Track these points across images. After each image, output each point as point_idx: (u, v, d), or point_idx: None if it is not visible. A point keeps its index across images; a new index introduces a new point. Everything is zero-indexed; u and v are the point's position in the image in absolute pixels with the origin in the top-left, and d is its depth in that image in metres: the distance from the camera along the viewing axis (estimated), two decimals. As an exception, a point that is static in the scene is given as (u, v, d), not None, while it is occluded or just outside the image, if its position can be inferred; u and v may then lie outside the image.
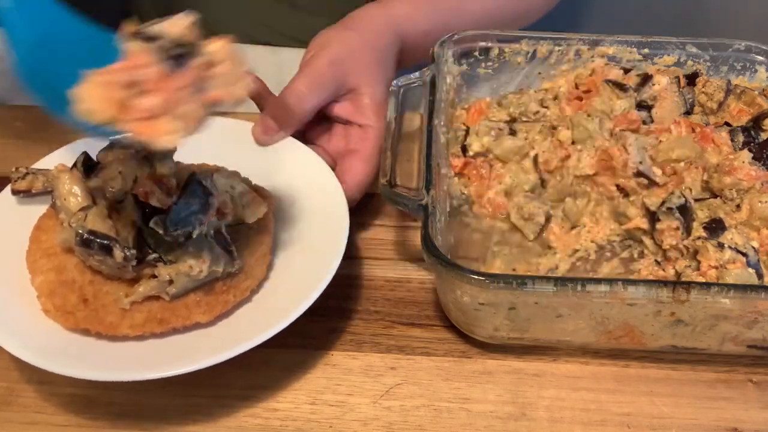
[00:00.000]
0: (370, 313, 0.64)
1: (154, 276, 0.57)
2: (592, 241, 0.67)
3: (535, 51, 0.78)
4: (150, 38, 0.51)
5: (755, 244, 0.62)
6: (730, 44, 0.77)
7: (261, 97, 0.75)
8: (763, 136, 0.69)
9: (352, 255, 0.69)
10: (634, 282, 0.53)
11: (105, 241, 0.56)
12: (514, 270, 0.65)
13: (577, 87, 0.76)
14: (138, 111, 0.49)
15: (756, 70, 0.77)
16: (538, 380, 0.60)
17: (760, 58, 0.76)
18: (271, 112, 0.70)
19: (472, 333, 0.61)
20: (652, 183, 0.66)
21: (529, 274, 0.64)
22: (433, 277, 0.66)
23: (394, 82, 0.71)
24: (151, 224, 0.56)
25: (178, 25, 0.52)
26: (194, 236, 0.56)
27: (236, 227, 0.61)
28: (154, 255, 0.57)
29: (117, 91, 0.49)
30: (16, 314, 0.57)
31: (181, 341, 0.56)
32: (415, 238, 0.70)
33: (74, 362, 0.54)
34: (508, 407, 0.58)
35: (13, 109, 0.85)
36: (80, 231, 0.56)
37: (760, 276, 0.60)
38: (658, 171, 0.66)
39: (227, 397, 0.58)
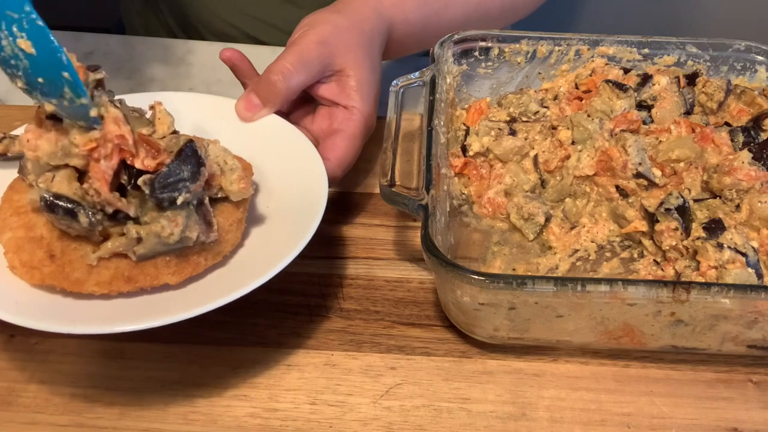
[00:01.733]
0: (370, 313, 0.64)
1: (124, 234, 0.56)
2: (592, 241, 0.67)
3: (535, 51, 0.79)
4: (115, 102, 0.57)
5: (755, 244, 0.62)
6: (730, 44, 0.77)
7: (244, 74, 0.75)
8: (763, 136, 0.69)
9: (352, 255, 0.69)
10: (634, 282, 0.53)
11: (70, 205, 0.54)
12: (514, 270, 0.65)
13: (577, 87, 0.76)
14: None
15: (756, 70, 0.77)
16: (538, 380, 0.60)
17: (760, 58, 0.76)
18: (256, 89, 0.70)
19: (472, 333, 0.61)
20: (651, 184, 0.66)
21: (529, 274, 0.64)
22: (433, 277, 0.66)
23: (394, 81, 0.71)
24: (140, 182, 0.54)
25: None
26: (178, 203, 0.55)
27: (216, 200, 0.61)
28: (125, 213, 0.56)
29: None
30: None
31: (149, 301, 0.55)
32: (415, 238, 0.70)
33: (39, 315, 0.53)
34: (508, 407, 0.58)
35: (13, 109, 0.85)
36: (44, 195, 0.54)
37: (759, 276, 0.60)
38: (657, 172, 0.66)
39: (227, 397, 0.58)
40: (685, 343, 0.59)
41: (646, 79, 0.74)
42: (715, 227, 0.62)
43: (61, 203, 0.54)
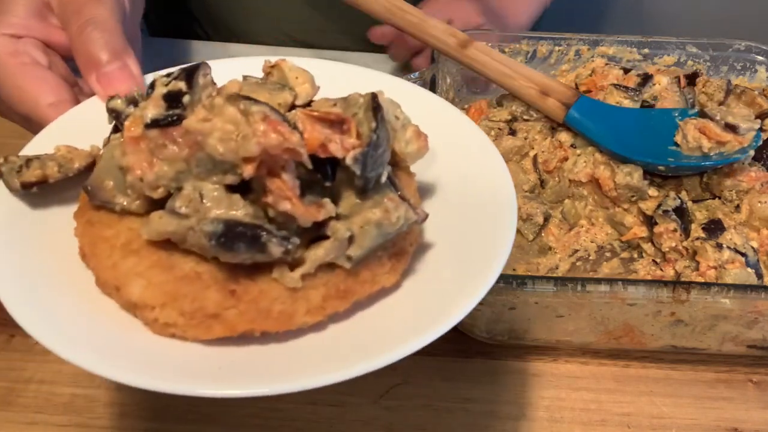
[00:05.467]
0: (370, 313, 0.64)
1: (326, 236, 0.40)
2: (591, 241, 0.67)
3: (535, 51, 0.78)
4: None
5: (754, 245, 0.62)
6: (730, 44, 0.77)
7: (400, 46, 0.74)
8: (764, 136, 0.69)
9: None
10: (634, 282, 0.53)
11: (254, 231, 0.38)
12: (514, 270, 0.65)
13: (577, 87, 0.76)
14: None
15: (756, 70, 0.77)
16: (538, 380, 0.60)
17: (760, 58, 0.76)
18: None
19: (472, 333, 0.61)
20: (643, 195, 0.66)
21: (529, 274, 0.64)
22: (433, 277, 0.66)
23: None
24: (348, 160, 0.39)
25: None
26: (383, 180, 0.41)
27: None
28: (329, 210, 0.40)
29: None
30: (133, 347, 0.39)
31: (366, 318, 0.41)
32: (415, 238, 0.70)
33: (260, 377, 0.38)
34: (508, 407, 0.58)
35: (13, 109, 0.84)
36: (209, 228, 0.38)
37: (759, 276, 0.60)
38: (654, 192, 0.66)
39: (227, 397, 0.58)
40: (685, 343, 0.59)
41: (646, 79, 0.74)
42: (714, 228, 0.62)
43: (241, 232, 0.38)
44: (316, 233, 0.40)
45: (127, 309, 0.40)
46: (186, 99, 0.41)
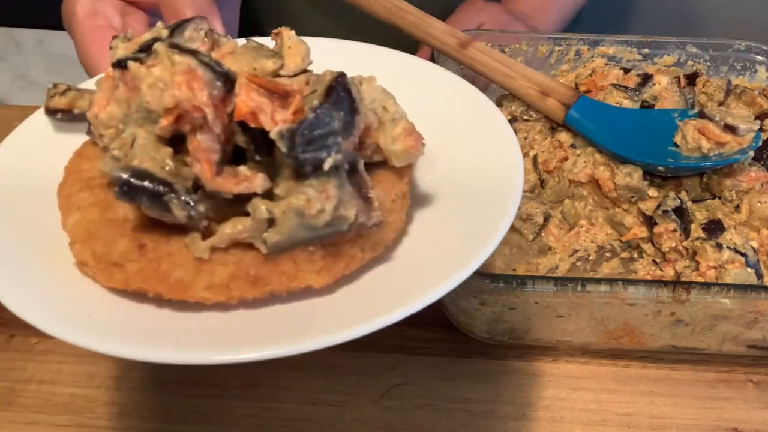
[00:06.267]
0: (370, 313, 0.64)
1: (246, 213, 0.38)
2: (591, 241, 0.67)
3: (535, 51, 0.78)
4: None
5: (754, 245, 0.62)
6: (730, 44, 0.77)
7: None
8: (763, 136, 0.69)
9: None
10: (634, 282, 0.53)
11: (158, 188, 0.37)
12: (514, 270, 0.65)
13: (577, 87, 0.76)
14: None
15: (756, 70, 0.77)
16: (538, 380, 0.60)
17: (760, 58, 0.76)
18: None
19: (472, 333, 0.61)
20: (643, 196, 0.66)
21: (529, 274, 0.64)
22: (433, 277, 0.66)
23: None
24: (273, 134, 0.37)
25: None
26: (326, 167, 0.37)
27: (369, 165, 0.43)
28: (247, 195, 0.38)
29: None
30: (41, 274, 0.39)
31: (284, 313, 0.38)
32: (415, 238, 0.70)
33: (124, 335, 0.36)
34: (508, 407, 0.58)
35: (13, 109, 0.85)
36: (117, 174, 0.37)
37: (759, 276, 0.60)
38: (653, 193, 0.66)
39: (227, 397, 0.58)
40: (685, 343, 0.59)
41: (646, 79, 0.74)
42: (714, 228, 0.62)
43: (145, 186, 0.37)
44: (241, 209, 0.38)
45: None
46: (157, 45, 0.39)
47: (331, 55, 0.46)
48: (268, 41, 0.45)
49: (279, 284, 0.38)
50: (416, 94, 0.47)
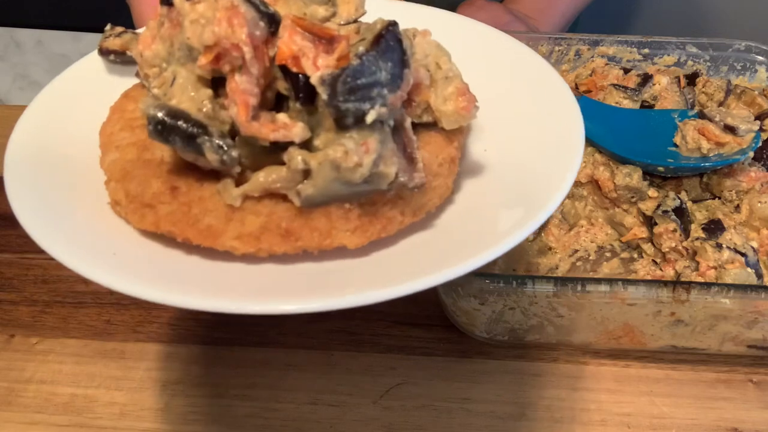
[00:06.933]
0: (370, 313, 0.64)
1: (283, 163, 0.36)
2: (591, 242, 0.67)
3: (535, 51, 0.78)
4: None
5: (754, 245, 0.62)
6: (730, 44, 0.77)
7: None
8: (763, 136, 0.69)
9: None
10: (634, 282, 0.53)
11: (192, 130, 0.35)
12: (514, 270, 0.65)
13: (577, 87, 0.76)
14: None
15: (756, 70, 0.77)
16: (538, 380, 0.60)
17: (760, 58, 0.76)
18: None
19: (472, 333, 0.61)
20: (643, 196, 0.66)
21: (529, 274, 0.64)
22: (433, 277, 0.66)
23: None
24: (313, 79, 0.35)
25: None
26: (368, 120, 0.35)
27: (418, 125, 0.40)
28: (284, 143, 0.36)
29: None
30: (73, 209, 0.38)
31: (315, 271, 0.36)
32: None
33: (147, 277, 0.35)
34: (508, 407, 0.58)
35: (13, 109, 0.85)
36: (153, 112, 0.35)
37: (759, 276, 0.60)
38: (653, 193, 0.66)
39: (227, 397, 0.58)
40: (685, 343, 0.59)
41: (646, 79, 0.74)
42: (714, 228, 0.62)
43: (179, 125, 0.35)
44: (278, 158, 0.36)
45: None
46: None
47: (387, 10, 0.42)
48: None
49: (310, 240, 0.36)
50: (478, 57, 0.44)
